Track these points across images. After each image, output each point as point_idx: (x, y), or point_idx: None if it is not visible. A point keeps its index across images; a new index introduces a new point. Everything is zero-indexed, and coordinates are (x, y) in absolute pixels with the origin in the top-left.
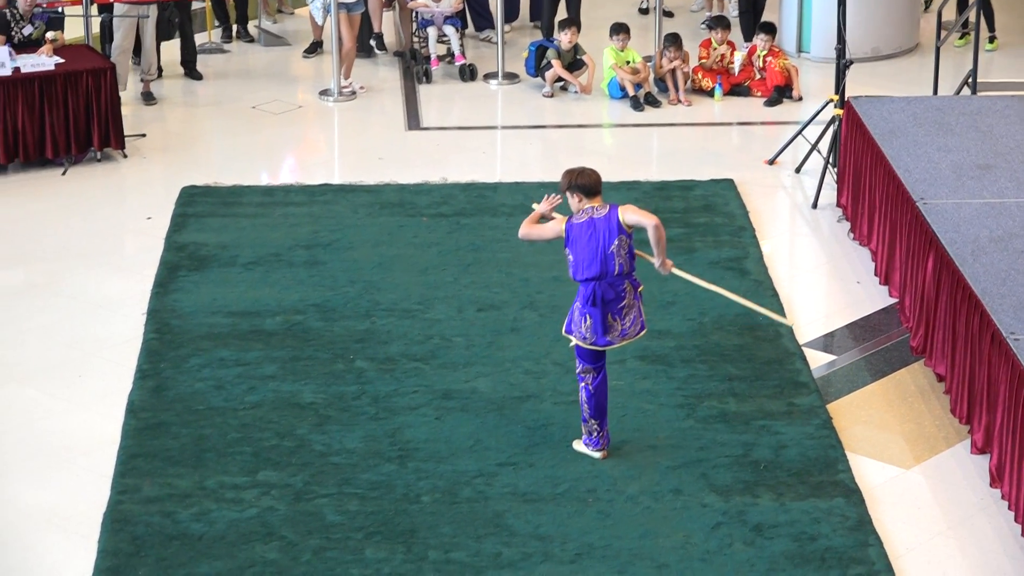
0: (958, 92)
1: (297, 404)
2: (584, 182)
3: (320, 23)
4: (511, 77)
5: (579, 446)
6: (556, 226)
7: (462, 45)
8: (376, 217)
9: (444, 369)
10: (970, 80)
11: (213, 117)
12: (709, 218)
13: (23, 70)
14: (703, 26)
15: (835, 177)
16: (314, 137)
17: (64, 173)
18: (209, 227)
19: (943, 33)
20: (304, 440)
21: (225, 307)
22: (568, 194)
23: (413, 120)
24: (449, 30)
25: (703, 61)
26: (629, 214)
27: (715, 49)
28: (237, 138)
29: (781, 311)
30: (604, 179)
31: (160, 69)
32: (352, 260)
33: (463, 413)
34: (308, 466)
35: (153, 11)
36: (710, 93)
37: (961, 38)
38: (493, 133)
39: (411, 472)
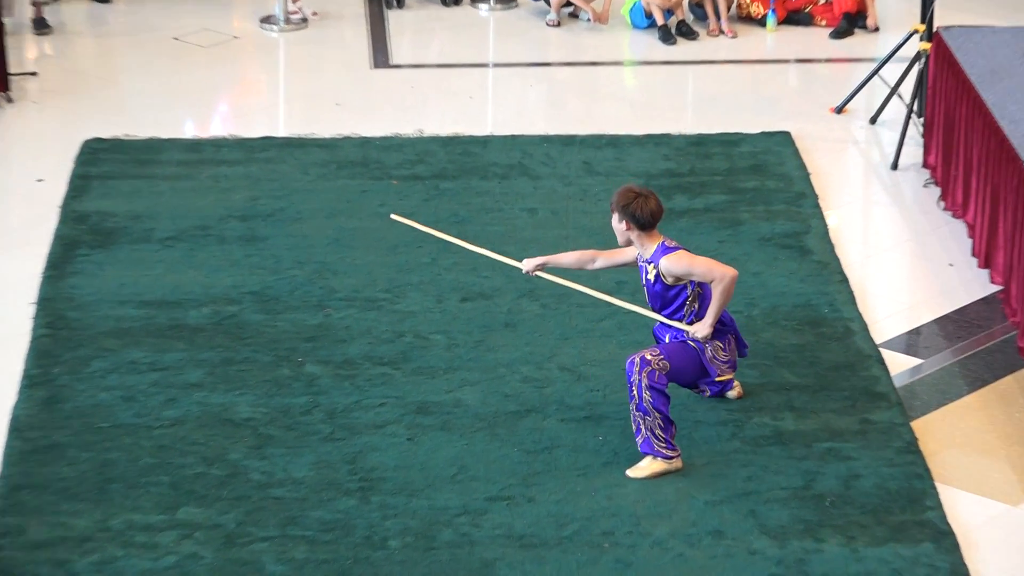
0: None
1: (230, 420)
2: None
3: None
4: (506, 0)
5: (645, 468)
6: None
7: None
8: (332, 180)
9: (419, 376)
10: None
11: (124, 51)
12: (759, 182)
13: None
14: None
15: (921, 130)
16: (253, 77)
17: None
18: (117, 192)
19: None
20: (238, 467)
21: (137, 295)
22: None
23: (380, 55)
24: None
25: None
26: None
27: None
28: (155, 78)
29: (850, 300)
30: (625, 131)
31: None
32: (301, 235)
33: (443, 432)
34: (243, 501)
35: None
36: (761, 22)
37: None
38: (483, 72)
39: (375, 509)
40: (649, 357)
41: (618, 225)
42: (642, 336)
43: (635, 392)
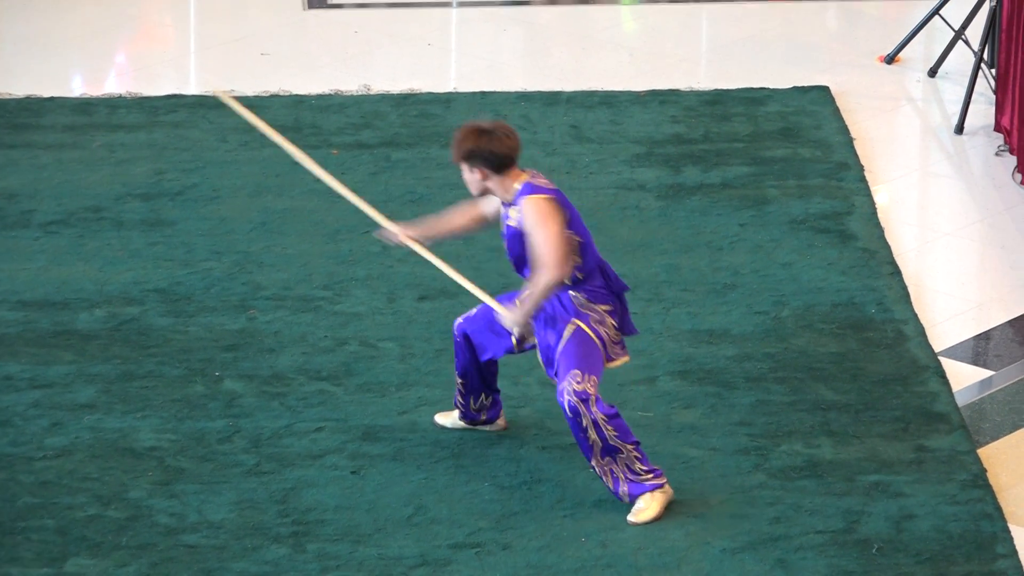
0: None
1: (130, 450)
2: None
3: None
4: None
5: (647, 509)
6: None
7: None
8: (257, 149)
9: (366, 392)
10: None
11: None
12: (791, 149)
13: None
14: None
15: (993, 84)
16: (156, 20)
17: None
18: None
19: None
20: (141, 508)
21: (13, 294)
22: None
23: None
24: None
25: None
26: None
27: None
28: (32, 21)
29: (903, 298)
30: (622, 86)
31: None
32: (218, 218)
33: (396, 464)
34: (147, 550)
35: None
36: None
37: None
38: (444, 13)
39: (312, 559)
40: (579, 386)
41: (470, 176)
42: (643, 343)
43: (594, 436)
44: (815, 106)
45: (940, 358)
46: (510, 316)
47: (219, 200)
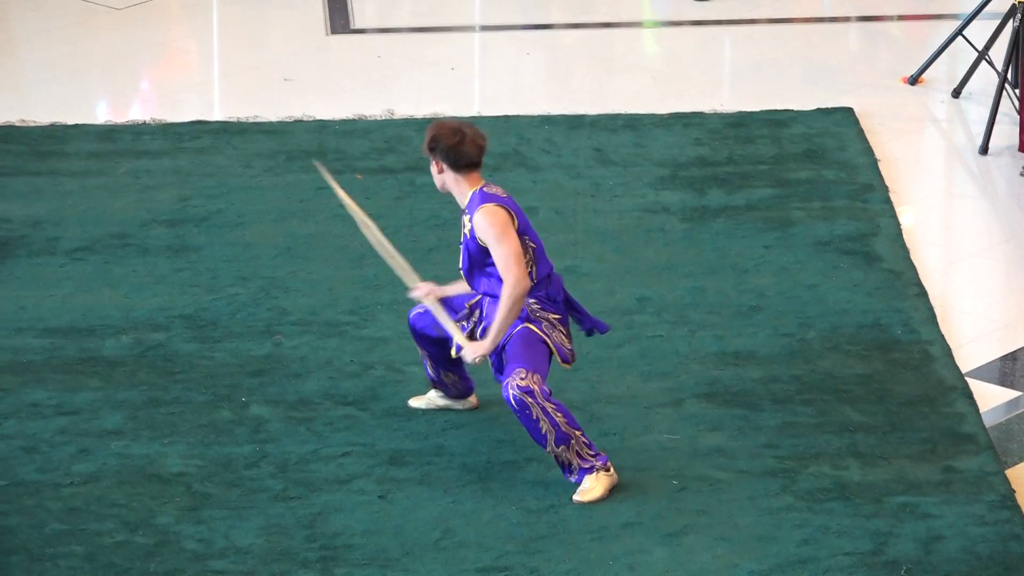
0: None
1: (157, 476)
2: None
3: None
4: None
5: (592, 489)
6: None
7: None
8: (281, 174)
9: (392, 417)
10: None
11: (19, 15)
12: (815, 171)
13: None
14: None
15: (1017, 104)
16: (180, 46)
17: None
18: (12, 192)
19: None
20: (169, 534)
21: (40, 321)
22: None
23: (339, 17)
24: None
25: None
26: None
27: None
28: (58, 49)
29: (930, 319)
30: (646, 109)
31: None
32: (244, 244)
33: (423, 488)
34: (175, 575)
35: None
36: None
37: None
38: (468, 37)
39: None
40: (523, 382)
41: (433, 169)
42: (669, 366)
43: (547, 426)
44: (839, 127)
45: (967, 379)
46: (473, 350)
47: (244, 226)
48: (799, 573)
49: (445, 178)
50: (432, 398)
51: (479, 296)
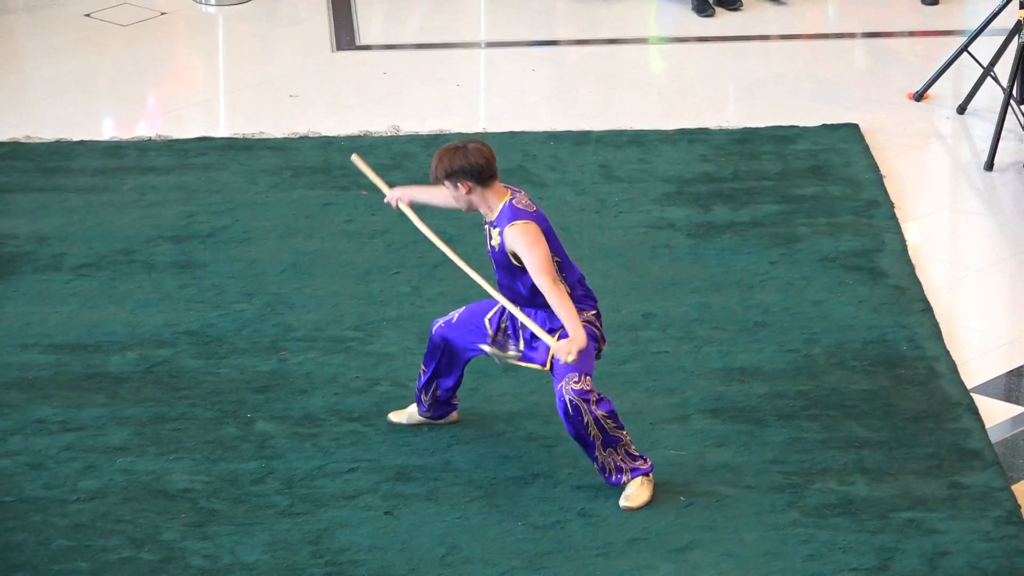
0: None
1: (163, 492)
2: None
3: None
4: None
5: (639, 495)
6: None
7: None
8: (286, 190)
9: (398, 433)
10: None
11: (26, 31)
12: (820, 187)
13: None
14: None
15: (1022, 120)
16: (186, 63)
17: None
18: (18, 208)
19: None
20: (175, 550)
21: (45, 337)
22: (451, 183)
23: (344, 34)
24: None
25: None
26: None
27: None
28: (63, 63)
29: (935, 335)
30: (651, 125)
31: None
32: (249, 260)
33: (429, 504)
34: None
35: None
36: None
37: None
38: (473, 53)
39: None
40: (578, 385)
41: (456, 193)
42: (675, 382)
43: (595, 431)
44: (844, 144)
45: (972, 394)
46: (565, 349)
47: (250, 242)
48: None
49: (472, 197)
50: (412, 413)
51: (499, 309)
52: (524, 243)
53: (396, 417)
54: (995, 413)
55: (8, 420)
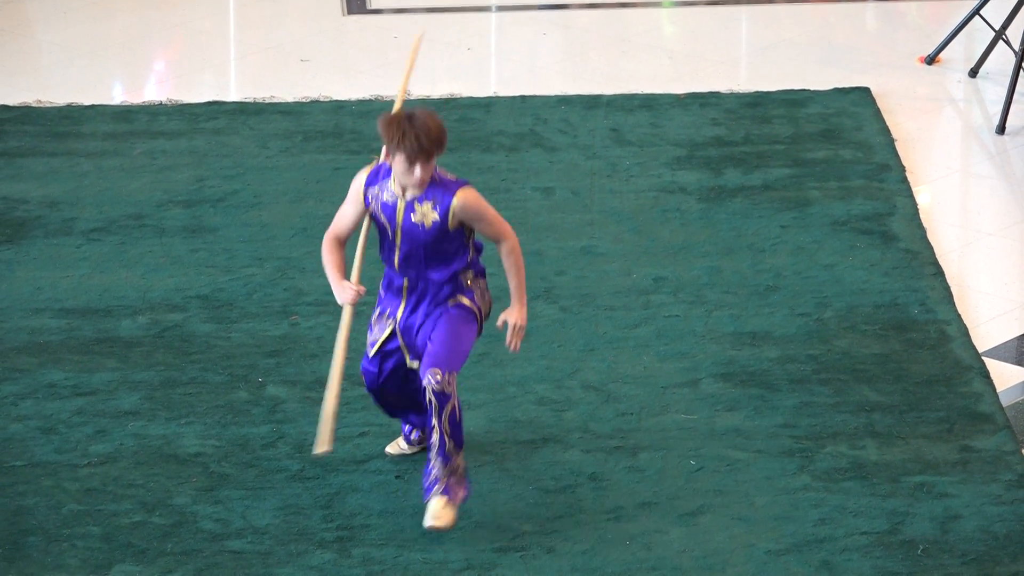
0: None
1: (174, 456)
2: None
3: None
4: None
5: (443, 518)
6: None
7: None
8: (297, 155)
9: None
10: None
11: None
12: (832, 151)
13: None
14: None
15: None
16: (196, 26)
17: None
18: (29, 173)
19: None
20: (186, 514)
21: (56, 301)
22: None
23: None
24: None
25: None
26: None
27: None
28: (74, 28)
29: (947, 298)
30: (662, 89)
31: None
32: (260, 224)
33: None
34: (192, 556)
35: None
36: None
37: None
38: (484, 17)
39: (358, 564)
40: (438, 387)
41: (429, 166)
42: (686, 346)
43: (448, 424)
44: (856, 107)
45: (984, 358)
46: (521, 317)
47: (260, 206)
48: (816, 553)
49: (433, 167)
50: (403, 446)
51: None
52: (482, 203)
53: (392, 449)
54: (1006, 377)
55: (19, 384)
